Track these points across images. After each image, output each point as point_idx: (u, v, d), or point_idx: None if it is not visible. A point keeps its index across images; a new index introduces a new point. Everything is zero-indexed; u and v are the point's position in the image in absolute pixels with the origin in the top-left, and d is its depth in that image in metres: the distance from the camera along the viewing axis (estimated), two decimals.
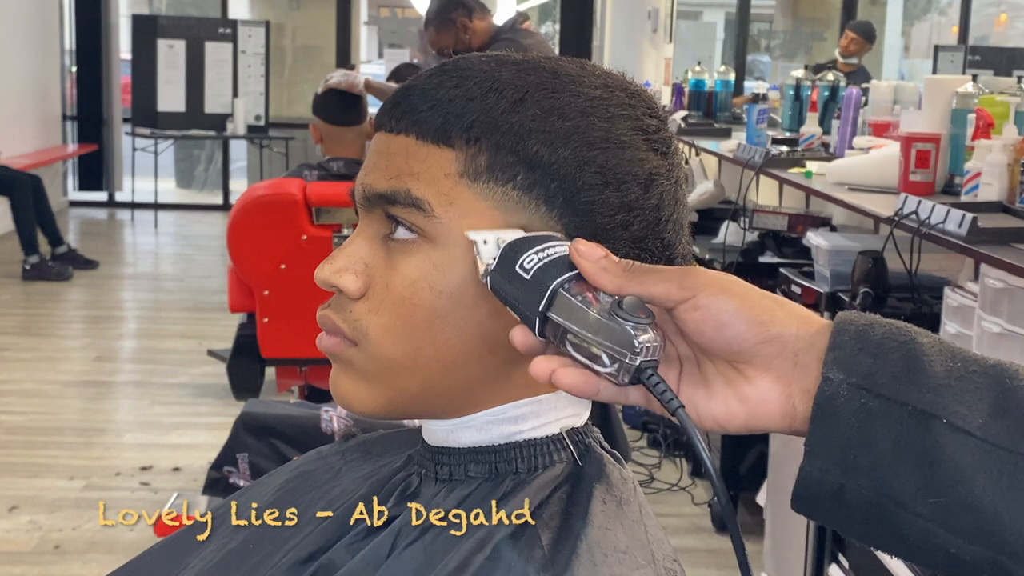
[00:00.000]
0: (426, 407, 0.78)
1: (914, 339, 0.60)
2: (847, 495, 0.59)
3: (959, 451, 0.57)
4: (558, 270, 0.64)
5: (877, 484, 0.58)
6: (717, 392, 0.63)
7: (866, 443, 0.58)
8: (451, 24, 3.83)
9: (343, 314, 0.76)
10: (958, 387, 0.58)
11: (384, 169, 0.75)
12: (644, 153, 0.75)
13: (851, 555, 2.33)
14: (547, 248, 0.66)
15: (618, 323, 0.61)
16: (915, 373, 0.58)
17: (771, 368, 0.62)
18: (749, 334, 0.61)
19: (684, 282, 0.62)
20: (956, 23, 4.23)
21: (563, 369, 0.63)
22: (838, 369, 0.59)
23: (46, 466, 3.69)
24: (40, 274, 6.39)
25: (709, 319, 0.61)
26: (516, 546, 0.71)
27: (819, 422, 0.59)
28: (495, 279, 0.67)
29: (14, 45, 8.01)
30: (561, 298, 0.63)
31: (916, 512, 0.58)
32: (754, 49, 8.37)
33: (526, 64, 0.76)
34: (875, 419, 0.58)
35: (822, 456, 0.59)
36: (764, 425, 0.63)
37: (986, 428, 0.57)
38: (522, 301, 0.65)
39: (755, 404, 0.62)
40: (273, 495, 0.89)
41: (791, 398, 0.61)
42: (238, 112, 8.28)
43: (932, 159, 2.49)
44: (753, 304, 0.62)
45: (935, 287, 2.40)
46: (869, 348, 0.59)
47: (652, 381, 0.62)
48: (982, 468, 0.57)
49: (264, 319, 3.25)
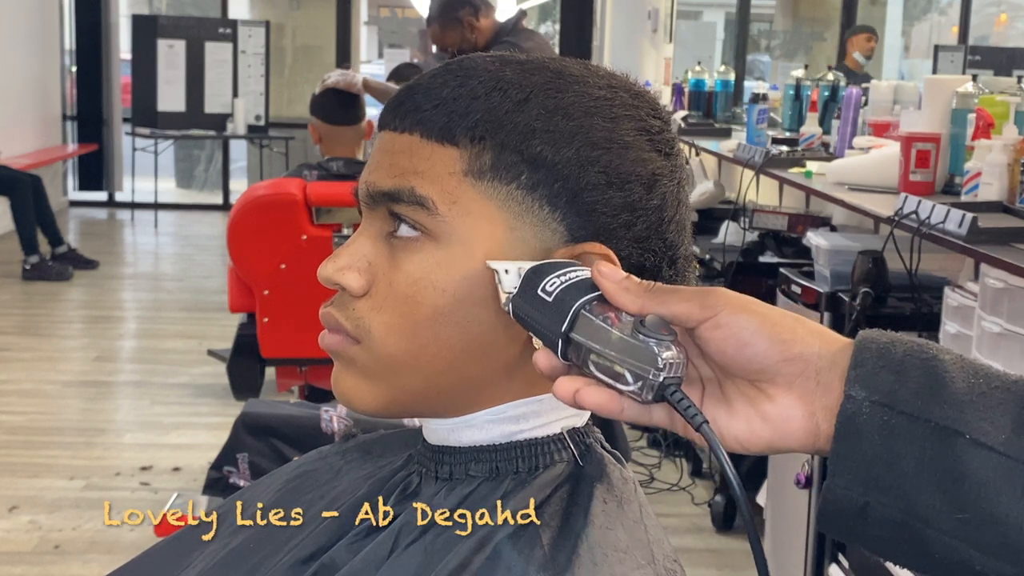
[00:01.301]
0: (427, 405, 0.78)
1: (936, 356, 0.60)
2: (871, 513, 0.59)
3: (983, 467, 0.57)
4: (580, 292, 0.65)
5: (901, 501, 0.58)
6: (739, 412, 0.63)
7: (889, 460, 0.58)
8: (457, 22, 3.82)
9: (346, 312, 0.76)
10: (980, 403, 0.58)
11: (388, 167, 0.75)
12: (647, 154, 0.75)
13: (851, 555, 2.33)
14: (568, 272, 0.67)
15: (641, 341, 0.61)
16: (937, 390, 0.58)
17: (793, 387, 0.61)
18: (771, 352, 0.61)
19: (705, 301, 0.62)
20: (956, 23, 4.23)
21: (587, 388, 0.63)
22: (860, 387, 0.59)
23: (46, 466, 3.69)
24: (40, 274, 6.39)
25: (731, 337, 0.61)
26: (516, 546, 0.71)
27: (842, 440, 0.59)
28: (517, 304, 0.68)
29: (14, 45, 8.01)
30: (583, 319, 0.64)
31: (941, 529, 0.57)
32: (754, 49, 8.37)
33: (530, 64, 0.76)
34: (898, 436, 0.58)
35: (845, 474, 0.59)
36: (787, 444, 0.62)
37: (1009, 444, 0.57)
38: (545, 324, 0.65)
39: (778, 423, 0.62)
40: (274, 495, 0.89)
41: (814, 417, 0.61)
42: (238, 112, 8.28)
43: (932, 159, 2.49)
44: (775, 323, 0.61)
45: (935, 287, 2.40)
46: (891, 366, 0.59)
47: (676, 397, 0.61)
48: (1006, 484, 0.56)
49: (264, 319, 3.25)
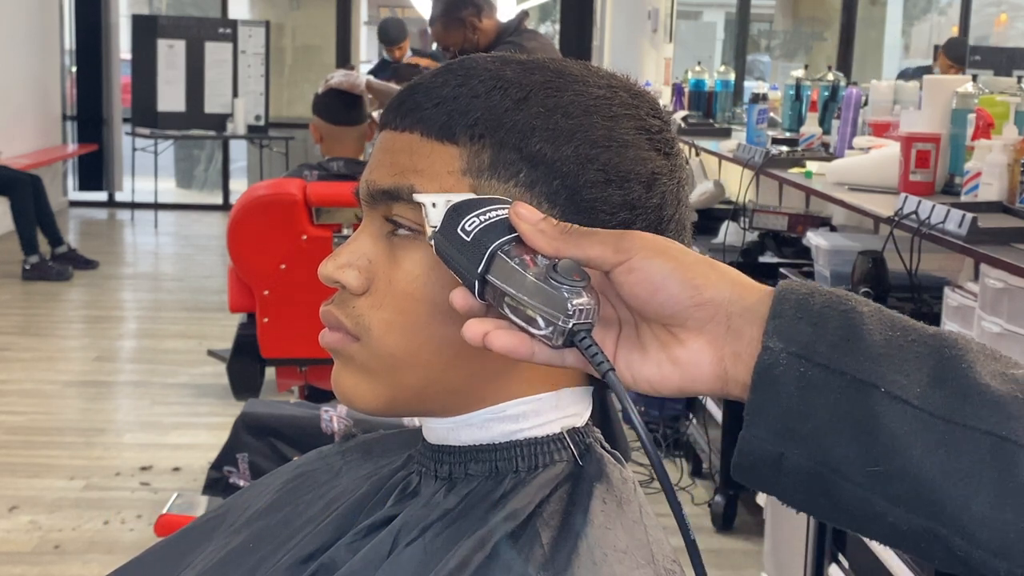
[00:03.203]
0: (427, 404, 0.78)
1: (854, 308, 0.60)
2: (786, 463, 0.59)
3: (896, 420, 0.57)
4: (498, 233, 0.64)
5: (816, 453, 0.58)
6: (651, 355, 0.64)
7: (805, 412, 0.58)
8: (460, 23, 3.81)
9: (346, 310, 0.76)
10: (897, 356, 0.58)
11: (388, 166, 0.75)
12: (647, 153, 0.75)
13: (851, 555, 2.32)
14: (489, 211, 0.66)
15: (553, 286, 0.61)
16: (854, 342, 0.58)
17: (704, 332, 0.62)
18: (682, 296, 0.61)
19: (620, 245, 0.62)
20: (956, 23, 4.23)
21: (497, 331, 0.64)
22: (778, 338, 0.59)
23: (46, 466, 3.69)
24: (40, 274, 6.39)
25: (643, 281, 0.62)
26: (516, 545, 0.71)
27: (758, 391, 0.59)
28: (439, 241, 0.67)
29: (14, 45, 8.02)
30: (499, 261, 0.63)
31: (854, 481, 0.58)
32: (754, 49, 8.36)
33: (530, 64, 0.77)
34: (814, 388, 0.58)
35: (761, 425, 0.59)
36: (696, 388, 0.63)
37: (924, 397, 0.57)
38: (462, 263, 0.65)
39: (687, 367, 0.63)
40: (273, 495, 0.89)
41: (723, 361, 0.62)
42: (238, 112, 8.28)
43: (932, 159, 2.49)
44: (687, 267, 0.62)
45: (935, 287, 2.40)
46: (809, 317, 0.59)
47: (584, 344, 0.62)
48: (919, 437, 0.56)
49: (264, 319, 3.25)
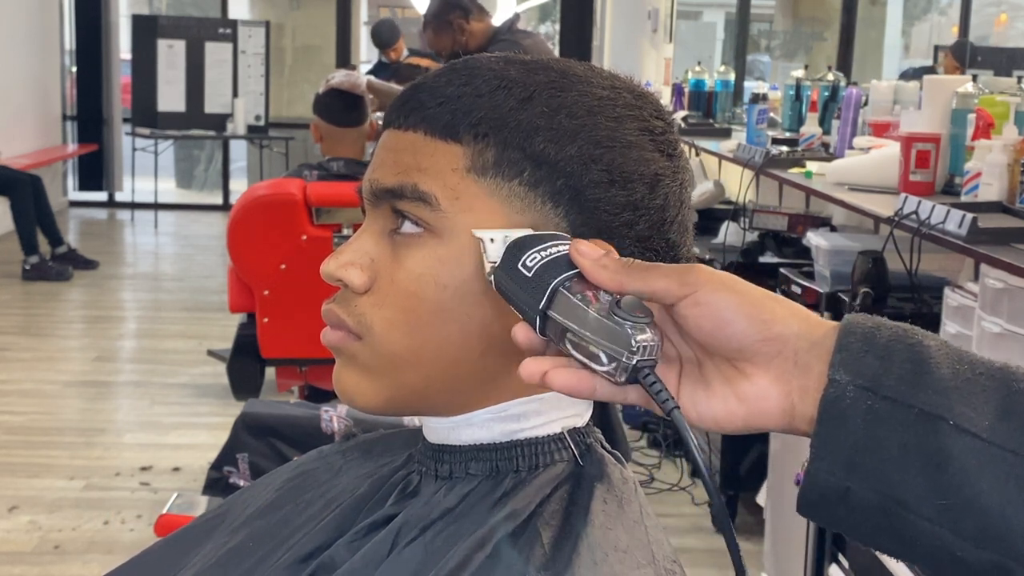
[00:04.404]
0: (428, 403, 0.78)
1: (920, 342, 0.59)
2: (853, 498, 0.58)
3: (965, 453, 0.56)
4: (559, 269, 0.64)
5: (883, 486, 0.58)
6: (716, 391, 0.63)
7: (872, 445, 0.58)
8: (448, 26, 3.81)
9: (348, 308, 0.76)
10: (965, 389, 0.57)
11: (392, 165, 0.76)
12: (650, 153, 0.75)
13: (851, 555, 2.32)
14: (549, 247, 0.66)
15: (616, 322, 0.61)
16: (922, 375, 0.58)
17: (771, 367, 0.61)
18: (750, 331, 0.61)
19: (685, 278, 0.61)
20: (956, 23, 4.23)
21: (556, 370, 0.63)
22: (844, 371, 0.58)
23: (46, 466, 3.69)
24: (40, 274, 6.39)
25: (709, 315, 0.61)
26: (516, 544, 0.71)
27: (825, 424, 0.59)
28: (499, 277, 0.67)
29: (14, 45, 8.01)
30: (561, 297, 0.63)
31: (922, 515, 0.57)
32: (754, 49, 8.36)
33: (535, 64, 0.77)
34: (881, 421, 0.58)
35: (828, 458, 0.59)
36: (763, 424, 0.62)
37: (992, 430, 0.56)
38: (524, 299, 0.65)
39: (754, 402, 0.62)
40: (273, 494, 0.89)
41: (790, 396, 0.61)
42: (238, 112, 8.28)
43: (932, 159, 2.49)
44: (754, 302, 0.61)
45: (935, 287, 2.40)
46: (876, 350, 0.59)
47: (648, 380, 0.61)
48: (988, 470, 0.56)
49: (264, 319, 3.25)
